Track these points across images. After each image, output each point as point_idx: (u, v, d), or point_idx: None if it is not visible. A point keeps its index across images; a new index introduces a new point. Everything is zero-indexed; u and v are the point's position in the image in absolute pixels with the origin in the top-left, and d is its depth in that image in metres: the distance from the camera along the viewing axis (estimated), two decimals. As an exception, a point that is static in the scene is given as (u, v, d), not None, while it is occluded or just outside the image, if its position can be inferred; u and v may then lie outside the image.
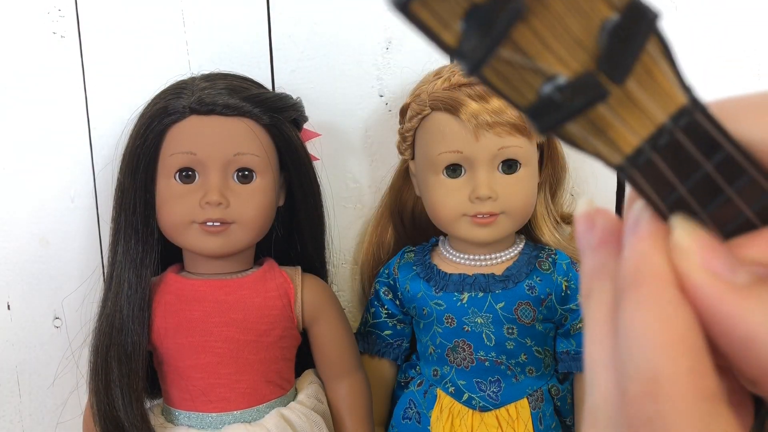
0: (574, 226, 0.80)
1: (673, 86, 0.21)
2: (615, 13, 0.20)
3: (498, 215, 0.66)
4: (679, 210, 0.21)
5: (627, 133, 0.21)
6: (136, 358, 0.64)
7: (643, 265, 0.21)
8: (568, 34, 0.20)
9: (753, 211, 0.21)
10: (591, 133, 0.21)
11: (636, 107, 0.21)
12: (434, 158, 0.66)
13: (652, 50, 0.20)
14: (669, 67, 0.21)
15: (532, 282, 0.67)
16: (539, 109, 0.20)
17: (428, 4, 0.19)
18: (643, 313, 0.20)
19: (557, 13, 0.19)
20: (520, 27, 0.19)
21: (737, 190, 0.21)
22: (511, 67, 0.20)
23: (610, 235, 0.23)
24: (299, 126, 0.69)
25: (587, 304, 0.23)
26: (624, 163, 0.21)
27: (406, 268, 0.72)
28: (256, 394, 0.65)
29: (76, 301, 0.78)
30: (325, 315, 0.70)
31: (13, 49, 0.74)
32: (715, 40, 0.74)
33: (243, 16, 0.75)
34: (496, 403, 0.68)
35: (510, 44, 0.19)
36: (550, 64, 0.20)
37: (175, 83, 0.66)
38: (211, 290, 0.65)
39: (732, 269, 0.20)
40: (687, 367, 0.19)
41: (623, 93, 0.21)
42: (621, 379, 0.20)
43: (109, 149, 0.73)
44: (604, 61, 0.20)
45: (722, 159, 0.21)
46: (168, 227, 0.65)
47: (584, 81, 0.20)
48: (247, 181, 0.65)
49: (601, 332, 0.21)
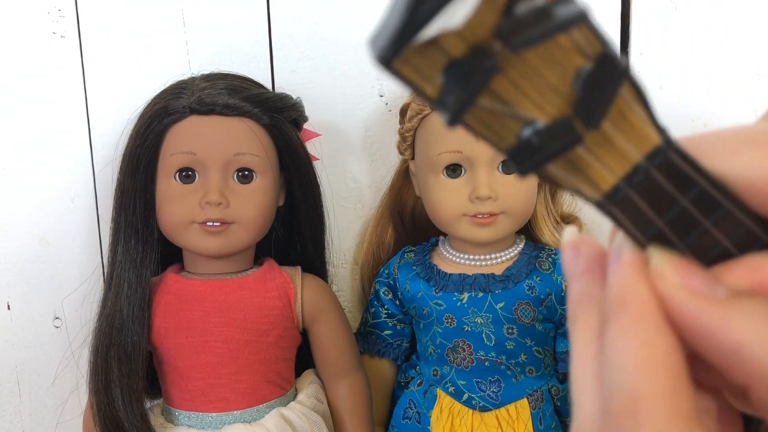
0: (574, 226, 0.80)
1: (646, 127, 0.22)
2: (588, 62, 0.21)
3: (498, 215, 0.66)
4: (658, 242, 0.23)
5: (604, 172, 0.22)
6: (136, 358, 0.64)
7: (627, 292, 0.22)
8: (545, 82, 0.21)
9: (730, 241, 0.22)
10: (570, 172, 0.22)
11: (612, 148, 0.22)
12: (434, 158, 0.66)
13: (625, 95, 0.22)
14: (642, 109, 0.22)
15: (532, 282, 0.67)
16: (520, 153, 0.22)
17: (410, 60, 0.20)
18: (627, 337, 0.21)
19: (533, 64, 0.20)
20: (498, 77, 0.20)
21: (714, 223, 0.22)
22: (492, 114, 0.21)
23: (595, 263, 0.24)
24: (299, 126, 0.69)
25: (573, 329, 0.24)
26: (602, 200, 0.23)
27: (406, 268, 0.72)
28: (256, 394, 0.65)
29: (76, 301, 0.78)
30: (325, 315, 0.70)
31: (13, 49, 0.74)
32: (715, 40, 0.74)
33: (243, 16, 0.75)
34: (496, 403, 0.68)
35: (488, 93, 0.21)
36: (529, 110, 0.21)
37: (175, 83, 0.66)
38: (211, 290, 0.65)
39: (709, 285, 0.21)
40: (665, 387, 0.20)
41: (599, 135, 0.22)
42: (604, 398, 0.21)
43: (109, 149, 0.73)
44: (579, 106, 0.21)
45: (697, 194, 0.22)
46: (168, 227, 0.65)
47: (561, 125, 0.21)
48: (247, 181, 0.65)
49: (587, 355, 0.23)
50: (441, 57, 0.20)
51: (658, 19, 0.74)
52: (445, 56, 0.20)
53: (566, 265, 0.25)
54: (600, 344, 0.22)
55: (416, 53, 0.20)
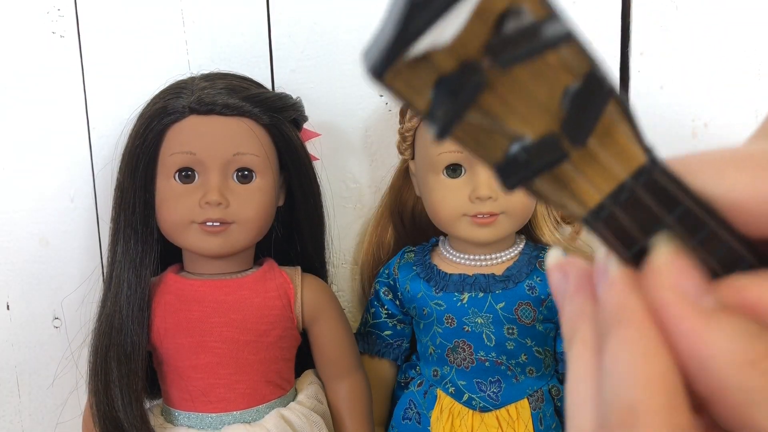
0: (574, 227, 0.80)
1: (632, 146, 0.22)
2: (576, 80, 0.21)
3: (498, 215, 0.66)
4: (641, 260, 0.23)
5: (590, 190, 0.23)
6: (136, 359, 0.64)
7: (622, 308, 0.22)
8: (533, 99, 0.21)
9: (715, 260, 0.23)
10: (557, 188, 0.23)
11: (598, 165, 0.22)
12: (434, 158, 0.66)
13: (612, 114, 0.22)
14: (629, 128, 0.22)
15: (533, 282, 0.67)
16: (507, 168, 0.22)
17: (401, 74, 0.20)
18: (627, 351, 0.21)
19: (522, 81, 0.21)
20: (486, 93, 0.21)
21: (698, 242, 0.22)
22: (480, 129, 0.21)
23: (584, 282, 0.25)
24: (299, 126, 0.69)
25: (570, 347, 0.24)
26: (588, 216, 0.23)
27: (406, 268, 0.72)
28: (256, 395, 0.65)
29: (75, 301, 0.78)
30: (325, 315, 0.69)
31: (13, 48, 0.74)
32: (716, 40, 0.74)
33: (243, 15, 0.75)
34: (497, 403, 0.68)
35: (477, 108, 0.21)
36: (517, 126, 0.21)
37: (175, 83, 0.66)
38: (210, 290, 0.65)
39: (700, 293, 0.22)
40: (663, 401, 0.20)
41: (586, 152, 0.22)
42: (602, 412, 0.21)
43: (109, 149, 0.73)
44: (566, 123, 0.21)
45: (682, 213, 0.22)
46: (167, 227, 0.65)
47: (548, 142, 0.22)
48: (247, 181, 0.65)
49: (584, 370, 0.23)
50: (431, 72, 0.20)
51: (658, 18, 0.74)
52: (436, 71, 0.20)
53: (555, 286, 0.25)
54: (597, 360, 0.23)
55: (407, 67, 0.20)
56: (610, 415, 0.21)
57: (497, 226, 0.66)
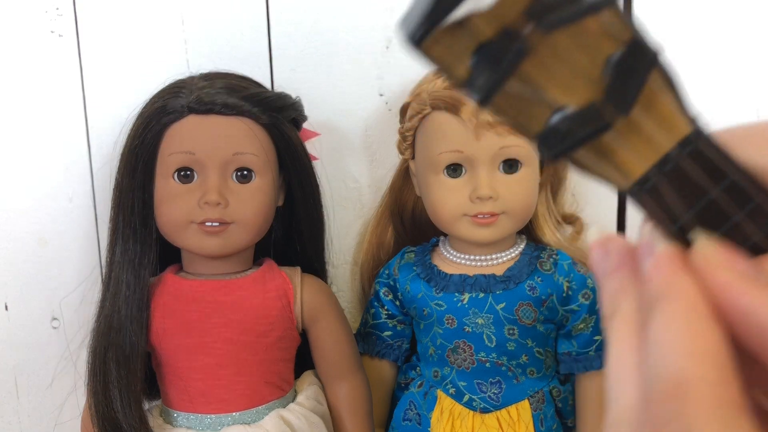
0: (575, 227, 0.79)
1: (677, 116, 0.22)
2: (619, 48, 0.21)
3: (499, 215, 0.65)
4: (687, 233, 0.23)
5: (634, 160, 0.22)
6: (135, 359, 0.63)
7: (671, 283, 0.22)
8: (575, 66, 0.21)
9: (762, 235, 0.22)
10: (599, 159, 0.22)
11: (642, 136, 0.22)
12: (434, 158, 0.66)
13: (656, 83, 0.21)
14: (673, 98, 0.22)
15: (533, 282, 0.67)
16: (548, 138, 0.22)
17: (440, 41, 0.20)
18: (676, 326, 0.21)
19: (564, 49, 0.20)
20: (528, 61, 0.20)
21: (745, 216, 0.22)
22: (521, 98, 0.21)
23: (626, 258, 0.24)
24: (298, 125, 0.69)
25: (611, 323, 0.24)
26: (633, 188, 0.23)
27: (407, 268, 0.72)
28: (256, 396, 0.65)
29: (74, 301, 0.77)
30: (325, 316, 0.69)
31: (11, 47, 0.74)
32: (716, 40, 0.73)
33: (242, 15, 0.75)
34: (497, 404, 0.67)
35: (518, 77, 0.21)
36: (558, 95, 0.21)
37: (174, 82, 0.66)
38: (209, 291, 0.65)
39: (756, 270, 0.21)
40: (714, 376, 0.20)
41: (629, 122, 0.22)
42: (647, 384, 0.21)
43: (107, 148, 0.73)
44: (609, 92, 0.21)
45: (728, 185, 0.22)
46: (166, 227, 0.65)
47: (591, 111, 0.21)
48: (246, 181, 0.64)
49: (626, 347, 0.23)
50: (471, 38, 0.20)
51: (658, 18, 0.74)
52: (476, 37, 0.20)
53: (596, 264, 0.25)
54: (639, 337, 0.22)
55: (446, 34, 0.20)
56: (656, 388, 0.20)
57: (498, 226, 0.66)
